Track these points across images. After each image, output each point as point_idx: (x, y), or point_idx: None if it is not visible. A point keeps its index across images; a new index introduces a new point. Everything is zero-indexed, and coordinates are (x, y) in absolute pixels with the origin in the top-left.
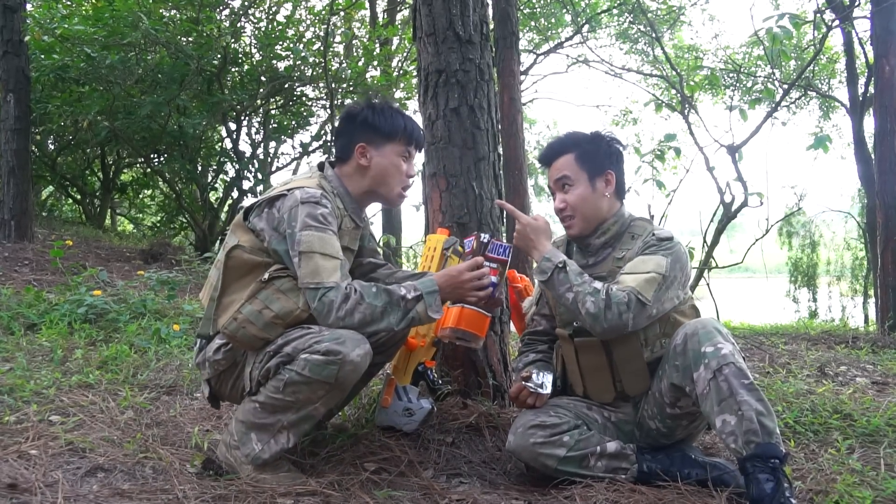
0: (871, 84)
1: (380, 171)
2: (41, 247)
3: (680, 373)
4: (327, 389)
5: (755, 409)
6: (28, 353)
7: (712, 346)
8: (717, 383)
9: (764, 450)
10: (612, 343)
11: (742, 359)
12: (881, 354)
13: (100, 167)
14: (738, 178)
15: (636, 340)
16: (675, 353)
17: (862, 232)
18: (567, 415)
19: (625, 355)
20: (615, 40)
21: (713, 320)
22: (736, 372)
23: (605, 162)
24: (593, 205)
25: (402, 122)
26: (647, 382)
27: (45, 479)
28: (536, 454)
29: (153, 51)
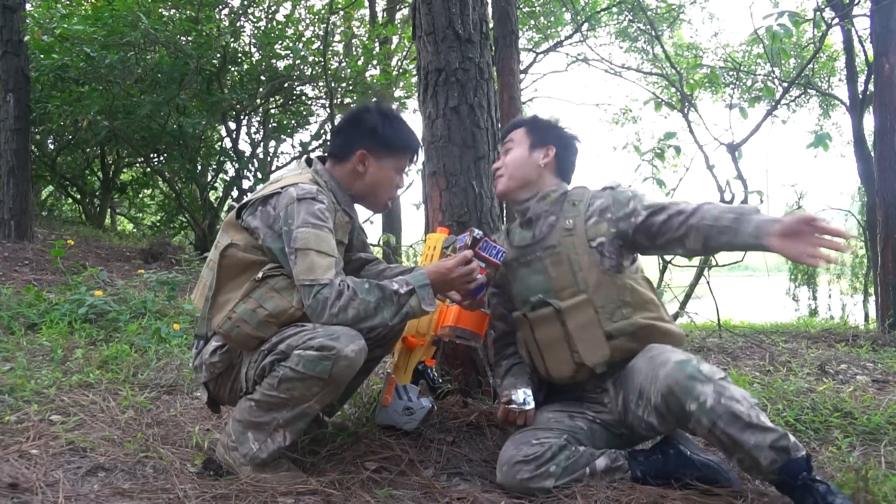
0: (871, 82)
1: (374, 181)
2: (41, 246)
3: (670, 423)
4: (322, 386)
5: (766, 444)
6: (28, 353)
7: (695, 401)
8: (717, 437)
9: (788, 472)
10: (566, 312)
11: (728, 388)
12: (881, 352)
13: (99, 167)
14: (738, 177)
15: (590, 307)
16: (659, 410)
17: (862, 230)
18: (550, 438)
19: (580, 323)
20: (615, 39)
21: (682, 363)
22: (729, 421)
23: (550, 138)
24: (524, 168)
25: (408, 137)
26: (605, 350)
27: (45, 478)
28: (526, 489)
29: (153, 50)
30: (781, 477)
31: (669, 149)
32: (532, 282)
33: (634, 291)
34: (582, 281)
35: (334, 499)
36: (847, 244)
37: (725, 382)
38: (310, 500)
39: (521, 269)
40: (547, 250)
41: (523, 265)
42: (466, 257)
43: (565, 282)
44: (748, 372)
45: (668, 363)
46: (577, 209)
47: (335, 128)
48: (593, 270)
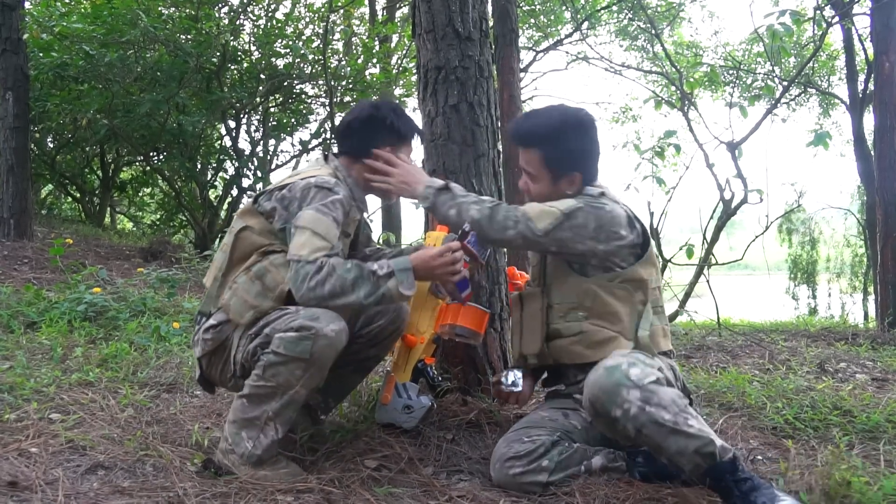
0: (871, 81)
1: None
2: (41, 245)
3: (606, 427)
4: (304, 368)
5: (688, 450)
6: (28, 352)
7: (619, 408)
8: (644, 438)
9: (713, 475)
10: (524, 299)
11: (656, 393)
12: (881, 351)
13: (99, 165)
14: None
15: (539, 301)
16: (590, 414)
17: (861, 229)
18: (542, 435)
19: (529, 312)
20: (615, 37)
21: (610, 369)
22: (653, 428)
23: (570, 165)
24: (552, 198)
25: (414, 123)
26: (536, 346)
27: (45, 476)
28: (520, 485)
29: (152, 48)
30: (706, 478)
31: (669, 147)
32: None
33: (598, 298)
34: (550, 275)
35: (334, 497)
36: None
37: (655, 386)
38: (309, 498)
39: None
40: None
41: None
42: (452, 247)
43: (536, 273)
44: (748, 370)
45: (599, 368)
46: None
47: (345, 128)
48: (560, 267)
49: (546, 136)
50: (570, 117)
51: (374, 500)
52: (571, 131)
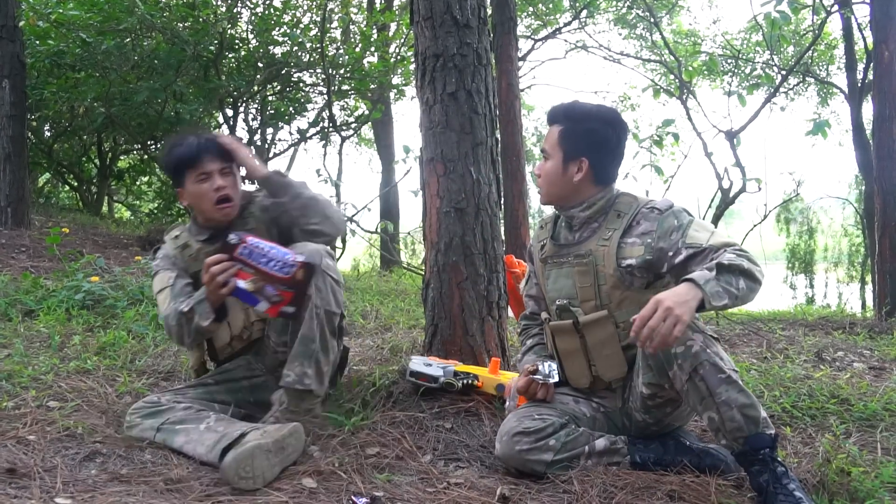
0: (870, 70)
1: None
2: (38, 234)
3: (654, 372)
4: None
5: (737, 404)
6: (26, 339)
7: (682, 345)
8: (695, 384)
9: (752, 443)
10: (586, 327)
11: (715, 345)
12: (878, 340)
13: (96, 154)
14: (737, 164)
15: (610, 324)
16: (645, 352)
17: (859, 218)
18: (552, 416)
19: (599, 339)
20: (613, 25)
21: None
22: (711, 370)
23: (582, 147)
24: (558, 184)
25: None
26: (623, 367)
27: (43, 463)
28: (524, 461)
29: (149, 36)
30: (745, 447)
31: (668, 136)
32: (560, 285)
33: None
34: (605, 295)
35: (333, 483)
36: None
37: (714, 341)
38: (309, 484)
39: (554, 270)
40: (578, 257)
41: (556, 266)
42: (213, 259)
43: (589, 293)
44: (745, 359)
45: None
46: (621, 221)
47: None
48: (618, 287)
49: (571, 114)
50: (603, 108)
51: (373, 487)
52: (597, 116)
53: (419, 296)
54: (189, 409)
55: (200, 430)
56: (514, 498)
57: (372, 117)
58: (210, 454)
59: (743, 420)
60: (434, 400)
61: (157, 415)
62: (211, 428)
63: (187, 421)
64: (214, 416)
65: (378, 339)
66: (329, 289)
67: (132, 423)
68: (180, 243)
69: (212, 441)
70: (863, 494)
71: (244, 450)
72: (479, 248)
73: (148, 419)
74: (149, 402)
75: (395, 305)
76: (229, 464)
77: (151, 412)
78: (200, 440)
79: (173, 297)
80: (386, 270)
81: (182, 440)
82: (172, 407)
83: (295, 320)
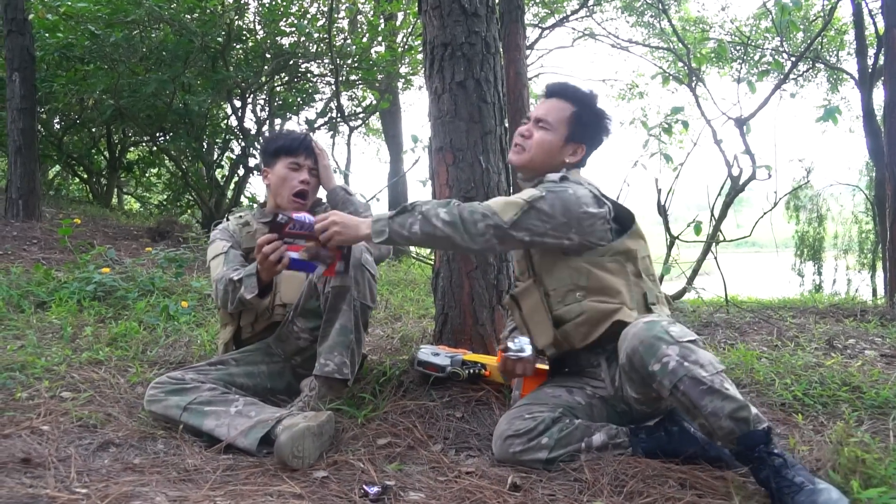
0: (881, 55)
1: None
2: (49, 226)
3: (638, 384)
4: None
5: (724, 412)
6: (38, 331)
7: (658, 362)
8: (678, 399)
9: (745, 443)
10: (520, 297)
11: (693, 352)
12: (889, 327)
13: (106, 146)
14: (746, 151)
15: (535, 292)
16: (625, 370)
17: (870, 205)
18: (542, 412)
19: (529, 307)
20: (621, 13)
21: (650, 324)
22: (690, 383)
23: (587, 134)
24: (549, 159)
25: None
26: (549, 336)
27: (57, 454)
28: (520, 462)
29: (157, 28)
30: (738, 447)
31: (677, 123)
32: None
33: (591, 275)
34: (537, 264)
35: (344, 472)
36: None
37: (693, 345)
38: (320, 474)
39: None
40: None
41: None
42: (260, 242)
43: (523, 266)
44: (756, 346)
45: (637, 324)
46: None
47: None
48: (547, 253)
49: (584, 98)
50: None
51: (385, 476)
52: (602, 110)
53: (429, 285)
54: (214, 391)
55: (231, 413)
56: (525, 486)
57: (380, 107)
58: (246, 440)
59: (733, 424)
60: (444, 389)
61: (182, 392)
62: (242, 412)
63: (215, 403)
64: (242, 400)
65: (388, 328)
66: (366, 283)
67: (156, 398)
68: (242, 221)
69: (246, 426)
70: (876, 481)
71: (297, 430)
72: None
73: (173, 396)
74: (173, 378)
75: (404, 295)
76: (285, 442)
77: (176, 389)
78: (233, 424)
79: (226, 263)
80: (395, 260)
81: (212, 423)
82: (198, 387)
83: (341, 283)
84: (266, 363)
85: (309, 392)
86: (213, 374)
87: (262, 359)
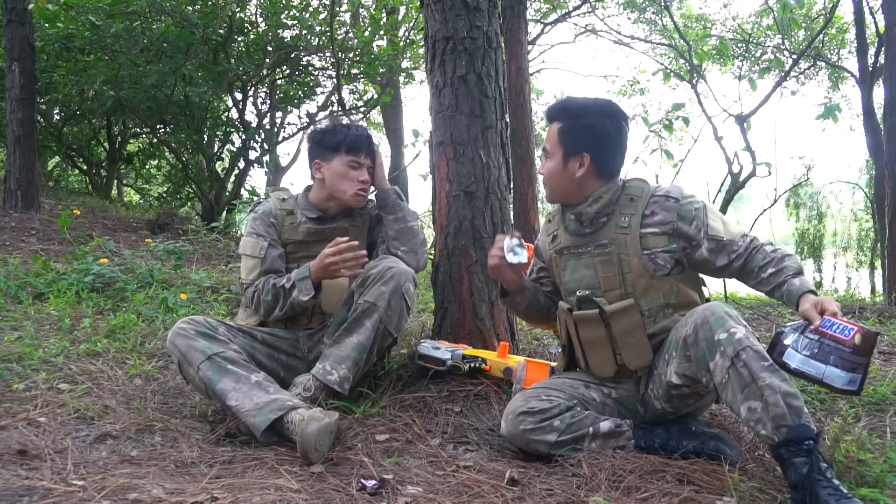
0: (882, 54)
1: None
2: (48, 217)
3: (693, 363)
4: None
5: (781, 391)
6: (36, 322)
7: (725, 332)
8: (737, 370)
9: (797, 433)
10: (612, 316)
11: (757, 340)
12: (888, 325)
13: (106, 137)
14: (747, 148)
15: (636, 312)
16: (686, 343)
17: (869, 203)
18: (559, 397)
19: (625, 328)
20: (623, 9)
21: (721, 304)
22: (754, 355)
23: (582, 142)
24: (562, 182)
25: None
26: (649, 355)
27: (54, 445)
28: (528, 440)
29: (158, 19)
30: (787, 436)
31: (678, 120)
32: (580, 275)
33: (680, 292)
34: (630, 283)
35: (343, 467)
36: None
37: (757, 339)
38: (318, 468)
39: (572, 260)
40: (599, 247)
41: (574, 256)
42: (341, 248)
43: (613, 283)
44: None
45: (705, 307)
46: (635, 206)
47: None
48: (643, 275)
49: (569, 109)
50: (600, 101)
51: (383, 470)
52: (596, 111)
53: (428, 279)
54: (240, 354)
55: (251, 381)
56: (523, 481)
57: (381, 101)
58: (257, 418)
59: (787, 409)
60: (443, 383)
61: (212, 339)
62: (262, 385)
63: (239, 365)
64: (263, 374)
65: None
66: (398, 311)
67: (185, 332)
68: (287, 208)
69: (262, 401)
70: (871, 478)
71: (323, 424)
72: (489, 232)
73: (202, 339)
74: (207, 322)
75: None
76: (313, 433)
77: (207, 334)
78: (249, 394)
79: (264, 270)
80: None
81: (230, 384)
82: (227, 342)
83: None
84: (287, 353)
85: (303, 391)
86: (239, 338)
87: (287, 348)
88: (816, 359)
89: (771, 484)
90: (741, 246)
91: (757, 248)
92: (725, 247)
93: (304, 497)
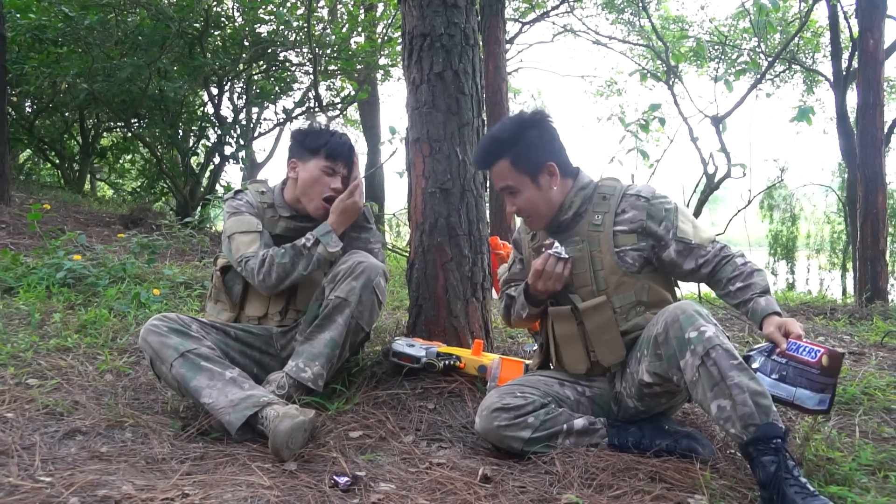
0: (855, 58)
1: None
2: (18, 210)
3: (664, 361)
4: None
5: (749, 389)
6: (5, 317)
7: (695, 330)
8: (707, 368)
9: (764, 432)
10: (584, 312)
11: (727, 339)
12: (858, 326)
13: (79, 131)
14: (722, 150)
15: (608, 309)
16: (657, 341)
17: (842, 205)
18: (534, 394)
19: (597, 324)
20: (601, 10)
21: (692, 303)
22: (724, 354)
23: (540, 155)
24: (545, 201)
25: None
26: (621, 352)
27: (22, 441)
28: (502, 437)
29: (133, 12)
30: (755, 434)
31: (654, 120)
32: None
33: (651, 290)
34: (602, 280)
35: (315, 464)
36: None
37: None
38: (291, 465)
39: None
40: (572, 243)
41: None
42: (356, 185)
43: (584, 279)
44: None
45: (676, 305)
46: (608, 203)
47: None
48: (615, 272)
49: (503, 141)
50: (517, 116)
51: (356, 467)
52: (521, 127)
53: (403, 277)
54: (214, 350)
55: (226, 378)
56: (496, 478)
57: (358, 98)
58: (232, 415)
59: (755, 407)
60: (417, 381)
61: (185, 336)
62: (236, 382)
63: (213, 361)
64: (237, 371)
65: None
66: (370, 306)
67: (158, 329)
68: (266, 201)
69: (237, 398)
70: (840, 477)
71: (297, 422)
72: (465, 230)
73: (175, 336)
74: (179, 319)
75: None
76: (285, 431)
77: (180, 331)
78: (224, 391)
79: (264, 244)
80: None
81: (204, 382)
82: (200, 339)
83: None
84: (260, 350)
85: (276, 389)
86: (213, 335)
87: (261, 345)
88: (786, 382)
89: (742, 482)
90: (710, 252)
91: (727, 258)
92: (693, 250)
93: (277, 494)
